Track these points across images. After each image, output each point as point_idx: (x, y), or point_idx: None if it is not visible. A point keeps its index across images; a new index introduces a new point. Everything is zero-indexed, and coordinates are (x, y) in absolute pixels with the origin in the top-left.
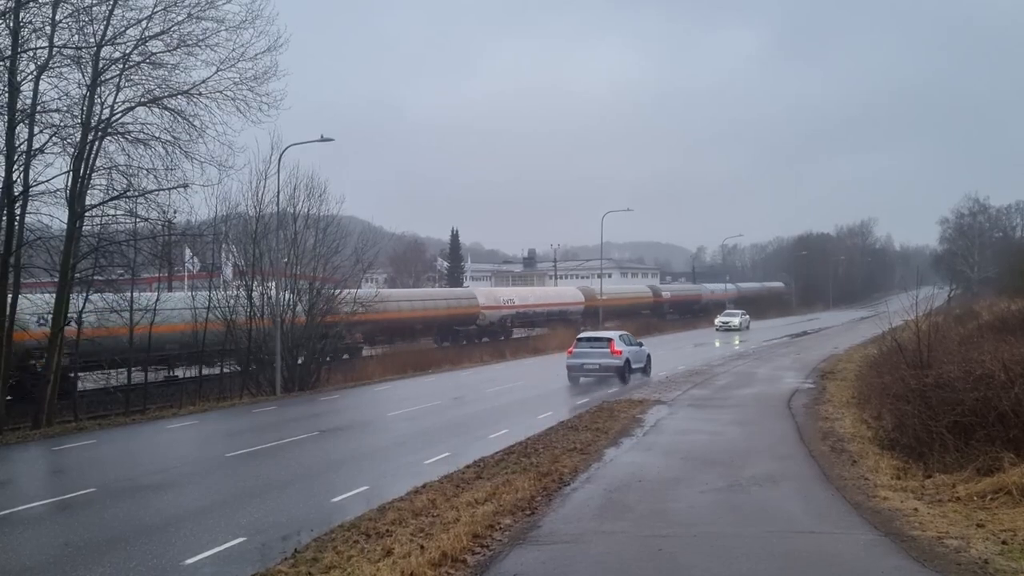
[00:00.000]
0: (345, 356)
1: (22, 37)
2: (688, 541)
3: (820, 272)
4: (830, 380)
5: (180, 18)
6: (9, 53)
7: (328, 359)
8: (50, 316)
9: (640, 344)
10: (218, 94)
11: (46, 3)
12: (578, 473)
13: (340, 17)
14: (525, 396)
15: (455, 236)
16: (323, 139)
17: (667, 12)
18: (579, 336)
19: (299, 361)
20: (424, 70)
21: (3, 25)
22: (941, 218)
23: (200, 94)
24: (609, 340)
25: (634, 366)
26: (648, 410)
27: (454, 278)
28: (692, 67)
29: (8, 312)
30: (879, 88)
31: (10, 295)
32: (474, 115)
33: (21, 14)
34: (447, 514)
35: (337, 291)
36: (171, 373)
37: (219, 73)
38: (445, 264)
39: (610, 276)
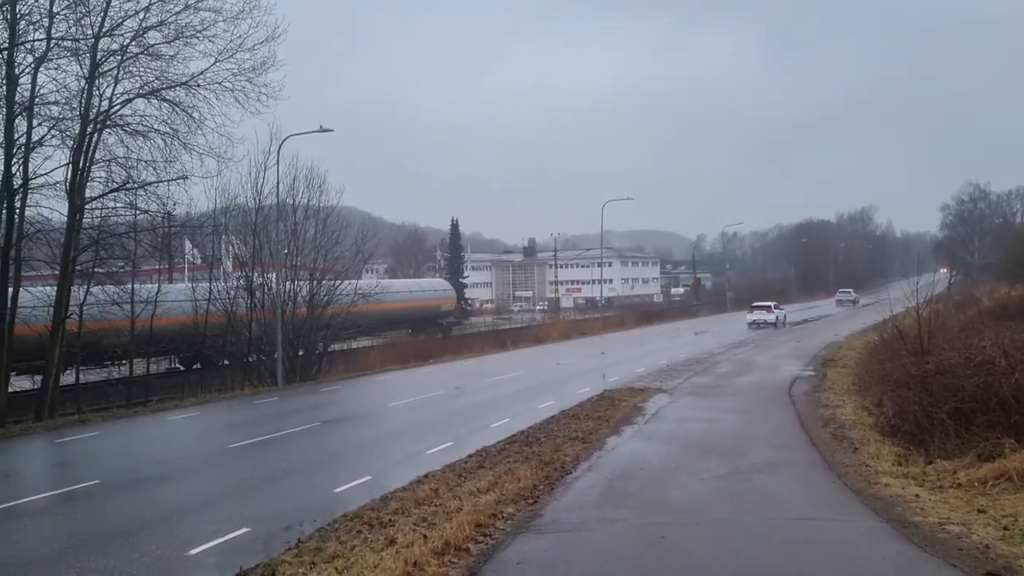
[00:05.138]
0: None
1: (19, 29)
2: (690, 528)
3: (820, 259)
4: (831, 367)
5: (178, 8)
6: (6, 45)
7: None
8: None
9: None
10: (216, 85)
11: None
12: (580, 462)
13: (343, 11)
14: (526, 385)
15: (455, 226)
16: (322, 130)
17: (667, 5)
18: None
19: (300, 352)
20: (428, 66)
21: (0, 17)
22: (942, 204)
23: (198, 85)
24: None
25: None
26: (649, 398)
27: (454, 268)
28: (692, 60)
29: (10, 305)
30: (880, 76)
31: (11, 288)
32: (476, 110)
33: (17, 6)
34: (450, 503)
35: (338, 282)
36: (173, 365)
37: (217, 64)
38: (445, 254)
39: (611, 265)
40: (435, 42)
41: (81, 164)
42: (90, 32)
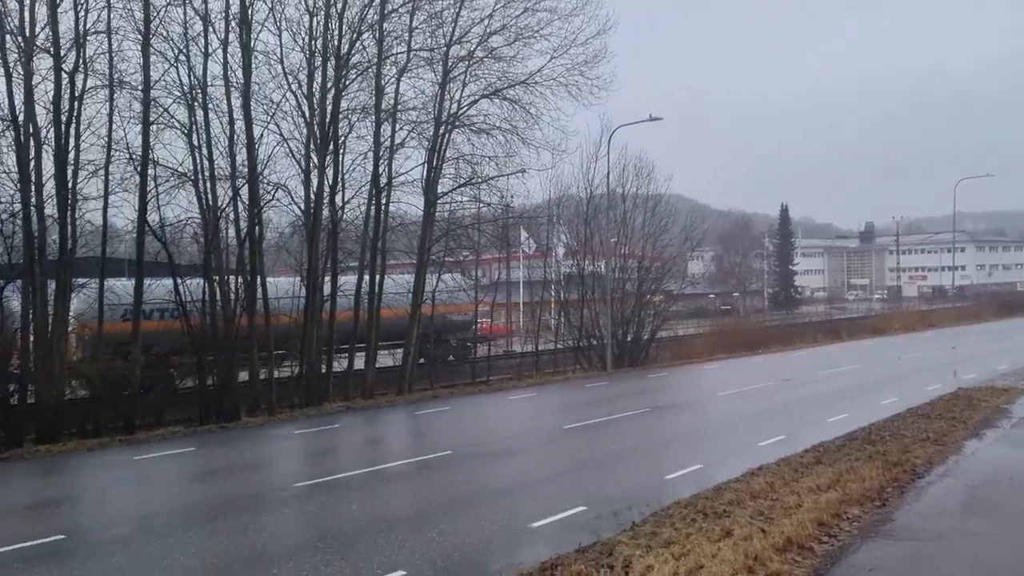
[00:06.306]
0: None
1: (386, 45)
2: None
3: None
4: None
5: (517, 12)
6: (375, 61)
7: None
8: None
9: None
10: (551, 81)
11: (404, 12)
12: (933, 465)
13: None
14: (864, 379)
15: (784, 211)
16: (651, 119)
17: None
18: None
19: (628, 338)
20: (755, 50)
21: (371, 36)
22: None
23: (535, 82)
24: None
25: None
26: (1016, 400)
27: (783, 255)
28: None
29: (377, 290)
30: None
31: (378, 276)
32: (806, 91)
33: (384, 24)
34: (787, 499)
35: (666, 269)
36: (509, 347)
37: (552, 61)
38: (773, 240)
39: (963, 250)
40: (763, 26)
41: (434, 162)
42: (442, 42)
